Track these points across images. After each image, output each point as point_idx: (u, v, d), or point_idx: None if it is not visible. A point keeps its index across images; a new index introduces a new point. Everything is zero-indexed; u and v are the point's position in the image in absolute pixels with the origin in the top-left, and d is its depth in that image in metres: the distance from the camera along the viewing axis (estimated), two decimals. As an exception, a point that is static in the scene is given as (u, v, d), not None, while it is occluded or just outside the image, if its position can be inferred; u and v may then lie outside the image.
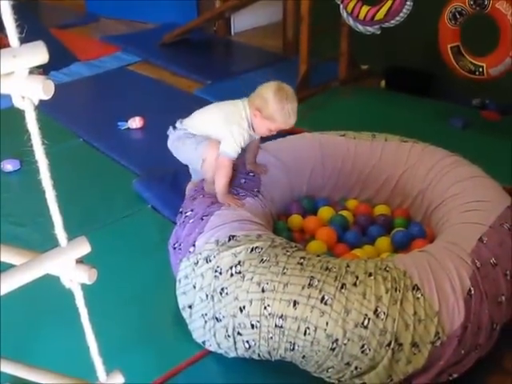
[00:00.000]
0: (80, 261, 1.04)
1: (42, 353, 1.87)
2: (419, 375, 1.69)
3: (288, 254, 1.77)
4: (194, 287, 1.82)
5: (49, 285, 1.29)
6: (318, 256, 1.79)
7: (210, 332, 1.78)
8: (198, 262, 1.83)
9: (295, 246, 1.84)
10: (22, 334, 1.87)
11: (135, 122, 3.57)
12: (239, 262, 1.75)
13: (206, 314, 1.78)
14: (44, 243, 1.08)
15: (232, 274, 1.74)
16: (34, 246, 1.23)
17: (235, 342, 1.74)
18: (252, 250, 1.78)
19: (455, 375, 1.72)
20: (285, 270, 1.71)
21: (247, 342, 1.72)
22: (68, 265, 1.02)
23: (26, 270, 0.95)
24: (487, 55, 3.12)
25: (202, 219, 1.95)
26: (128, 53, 5.04)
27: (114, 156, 3.25)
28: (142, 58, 4.93)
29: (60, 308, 1.66)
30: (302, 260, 1.74)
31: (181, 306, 1.93)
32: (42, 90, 0.84)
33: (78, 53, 4.92)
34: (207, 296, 1.77)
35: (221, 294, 1.74)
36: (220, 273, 1.76)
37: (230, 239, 1.83)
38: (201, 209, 2.01)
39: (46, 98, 0.86)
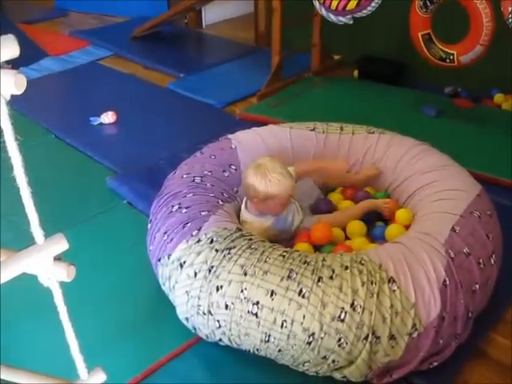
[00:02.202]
0: (58, 258, 1.02)
1: (22, 352, 1.85)
2: (400, 367, 1.70)
3: (274, 247, 1.82)
4: (181, 266, 1.81)
5: (26, 284, 1.27)
6: (298, 251, 1.82)
7: (192, 308, 1.78)
8: (199, 241, 1.84)
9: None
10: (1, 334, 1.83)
11: (108, 117, 3.52)
12: (232, 246, 1.79)
13: (189, 291, 1.77)
14: (18, 242, 1.06)
15: (224, 255, 1.76)
16: (8, 246, 1.21)
17: (208, 320, 1.75)
18: (245, 237, 1.85)
19: (435, 363, 1.73)
20: (267, 259, 1.73)
21: (218, 321, 1.73)
22: (46, 263, 1.00)
23: (2, 270, 0.93)
24: (458, 43, 3.15)
25: (201, 213, 1.97)
26: (98, 47, 4.98)
27: (87, 152, 3.21)
28: (112, 52, 4.88)
29: (39, 306, 1.64)
30: (284, 253, 1.77)
31: (161, 282, 1.96)
32: (13, 84, 0.82)
33: (47, 48, 4.85)
34: (195, 273, 1.77)
35: (209, 271, 1.74)
36: (216, 250, 1.78)
37: (237, 229, 1.91)
38: (199, 207, 2.02)
39: (18, 92, 0.84)
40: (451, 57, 3.16)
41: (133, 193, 2.73)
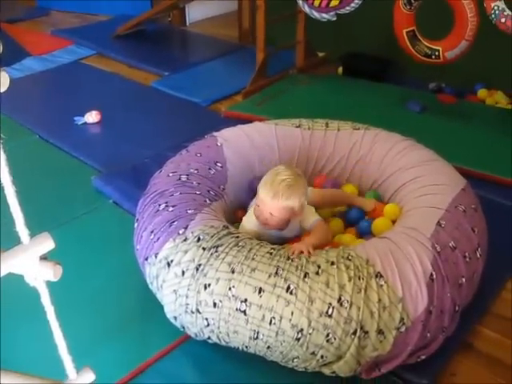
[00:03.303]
0: (44, 258, 1.01)
1: (10, 353, 1.82)
2: (388, 361, 1.71)
3: (261, 244, 1.81)
4: (169, 264, 1.81)
5: (13, 284, 1.26)
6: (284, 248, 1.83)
7: (180, 306, 1.77)
8: (186, 239, 1.83)
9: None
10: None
11: (92, 117, 3.50)
12: (219, 244, 1.78)
13: (177, 290, 1.77)
14: (3, 244, 1.05)
15: (212, 253, 1.75)
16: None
17: (196, 318, 1.74)
18: (232, 235, 1.84)
19: (423, 357, 1.74)
20: (254, 256, 1.73)
21: (206, 319, 1.72)
22: (32, 262, 0.99)
23: (-13, 270, 0.92)
24: (443, 39, 3.16)
25: (188, 212, 1.96)
26: (81, 46, 4.95)
27: (71, 152, 3.19)
28: (95, 51, 4.85)
29: (26, 307, 1.63)
30: (271, 250, 1.77)
31: (149, 281, 1.95)
32: (-3, 82, 0.81)
33: (29, 47, 4.81)
34: (183, 272, 1.76)
35: (196, 269, 1.74)
36: (203, 248, 1.78)
37: (224, 227, 1.89)
38: (185, 205, 2.00)
39: (1, 90, 0.83)
40: (436, 53, 3.18)
41: (118, 192, 2.71)
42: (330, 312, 1.61)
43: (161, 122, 3.52)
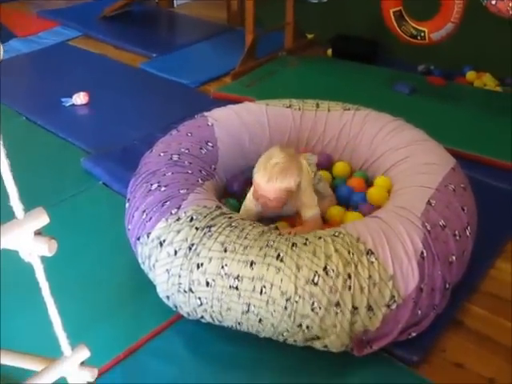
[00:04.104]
0: (38, 233, 1.01)
1: (3, 332, 1.82)
2: (380, 339, 1.73)
3: (253, 225, 1.83)
4: (161, 244, 1.81)
5: (6, 261, 1.26)
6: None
7: (173, 286, 1.78)
8: (179, 219, 1.83)
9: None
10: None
11: (80, 98, 3.47)
12: (212, 224, 1.79)
13: (170, 270, 1.77)
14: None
15: (205, 233, 1.76)
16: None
17: (189, 298, 1.75)
18: (225, 215, 1.85)
19: (414, 334, 1.76)
20: (247, 236, 1.74)
21: (199, 298, 1.73)
22: (26, 237, 0.98)
23: (-18, 245, 0.91)
24: (429, 20, 3.16)
25: (180, 192, 1.96)
26: (68, 28, 4.89)
27: (59, 133, 3.16)
28: (82, 32, 4.80)
29: (19, 284, 1.62)
30: (263, 229, 1.79)
31: (140, 260, 1.95)
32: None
33: (15, 29, 4.75)
34: (175, 252, 1.77)
35: (189, 249, 1.74)
36: (196, 228, 1.78)
37: (217, 207, 1.89)
38: (178, 185, 2.00)
39: (-5, 61, 0.82)
40: (422, 34, 3.18)
41: (108, 173, 2.70)
42: (315, 280, 1.62)
43: (149, 103, 3.50)
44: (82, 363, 1.25)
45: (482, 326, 1.91)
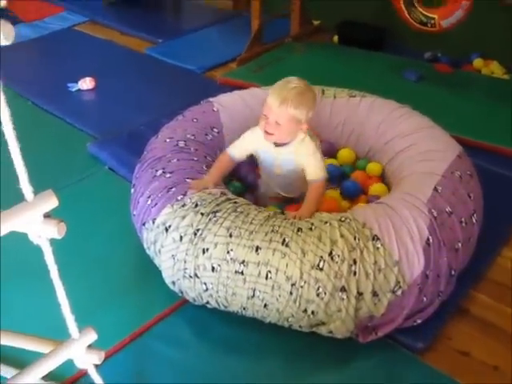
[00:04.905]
0: (47, 215, 1.01)
1: (11, 315, 1.83)
2: (385, 325, 1.73)
3: (259, 210, 1.82)
4: (167, 230, 1.81)
5: (15, 243, 1.26)
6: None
7: (179, 271, 1.78)
8: (184, 205, 1.83)
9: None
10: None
11: (86, 83, 3.47)
12: (218, 209, 1.78)
13: (175, 255, 1.78)
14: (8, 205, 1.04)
15: (210, 219, 1.76)
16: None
17: (194, 283, 1.76)
18: (230, 201, 1.85)
19: (419, 321, 1.77)
20: (252, 221, 1.74)
21: (205, 283, 1.74)
22: (36, 220, 0.99)
23: (-8, 226, 0.92)
24: (439, 7, 3.14)
25: (186, 180, 1.96)
26: (73, 13, 4.87)
27: (66, 118, 3.16)
28: (88, 17, 4.78)
29: (28, 268, 1.63)
30: (269, 214, 1.79)
31: (146, 246, 1.96)
32: (2, 34, 0.80)
33: (20, 14, 4.73)
34: (181, 237, 1.77)
35: (195, 234, 1.75)
36: (201, 214, 1.78)
37: (222, 193, 1.89)
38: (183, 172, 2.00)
39: (7, 43, 0.82)
40: (432, 21, 3.16)
41: (114, 158, 2.70)
42: (321, 265, 1.63)
43: (156, 88, 3.49)
44: (89, 346, 1.26)
45: (488, 313, 1.90)
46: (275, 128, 1.89)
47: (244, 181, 2.29)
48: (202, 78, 3.69)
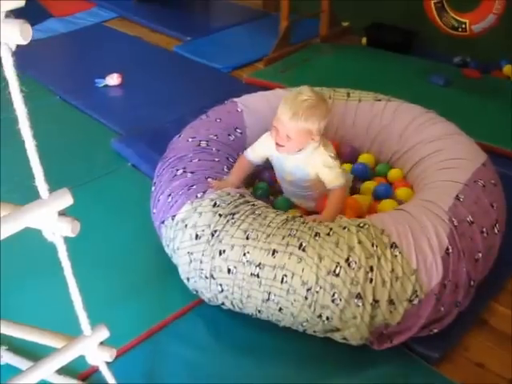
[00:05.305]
0: (62, 213, 1.02)
1: (25, 309, 1.86)
2: (400, 333, 1.71)
3: (277, 213, 1.82)
4: (186, 226, 1.82)
5: (30, 240, 1.28)
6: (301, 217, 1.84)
7: (195, 271, 1.79)
8: (203, 203, 1.84)
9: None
10: (4, 290, 1.84)
11: (113, 79, 3.50)
12: (236, 211, 1.79)
13: (191, 253, 1.78)
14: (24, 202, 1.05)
15: (228, 220, 1.76)
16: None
17: (210, 284, 1.76)
18: (248, 203, 1.85)
19: (436, 330, 1.74)
20: (270, 224, 1.74)
21: (220, 285, 1.74)
22: (50, 217, 1.00)
23: (6, 223, 0.93)
24: (470, 11, 3.10)
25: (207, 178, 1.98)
26: (104, 9, 4.92)
27: (91, 114, 3.19)
28: (118, 14, 4.82)
29: (43, 264, 1.65)
30: (287, 217, 1.78)
31: (165, 243, 1.97)
32: (19, 33, 0.81)
33: (52, 9, 4.79)
34: (197, 236, 1.78)
35: (212, 235, 1.75)
36: (220, 215, 1.78)
37: (240, 195, 1.89)
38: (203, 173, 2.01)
39: (24, 42, 0.83)
40: (463, 25, 3.12)
41: (137, 155, 2.72)
42: (337, 271, 1.61)
43: (182, 86, 3.50)
44: (102, 343, 1.27)
45: (507, 325, 1.87)
46: (286, 140, 1.89)
47: (270, 183, 2.29)
48: (228, 77, 3.70)
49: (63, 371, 1.49)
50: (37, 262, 1.95)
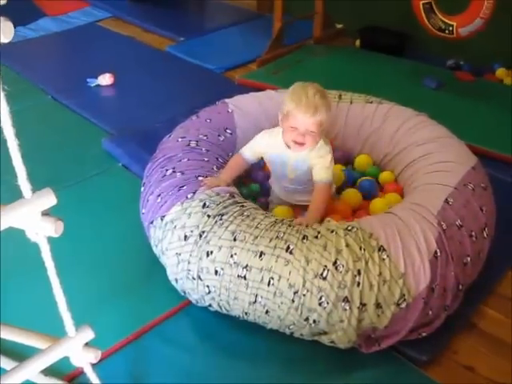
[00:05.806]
0: (46, 213, 1.01)
1: (9, 310, 1.84)
2: (388, 337, 1.71)
3: (265, 215, 1.82)
4: (175, 227, 1.81)
5: (13, 240, 1.26)
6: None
7: (182, 272, 1.78)
8: (193, 204, 1.83)
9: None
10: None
11: (105, 79, 3.48)
12: (224, 212, 1.78)
13: (180, 254, 1.78)
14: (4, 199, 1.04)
15: (216, 221, 1.75)
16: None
17: (197, 285, 1.75)
18: (237, 204, 1.84)
19: (424, 334, 1.74)
20: (258, 225, 1.73)
21: (207, 286, 1.73)
22: (33, 217, 0.99)
23: (-12, 222, 0.92)
24: (458, 14, 3.11)
25: (197, 177, 1.97)
26: (97, 8, 4.90)
27: (83, 113, 3.18)
28: (111, 13, 4.81)
29: (27, 264, 1.64)
30: (275, 220, 1.78)
31: (153, 243, 1.96)
32: (1, 31, 0.80)
33: (45, 8, 4.77)
34: (186, 236, 1.77)
35: (200, 236, 1.74)
36: (208, 216, 1.77)
37: (230, 195, 1.88)
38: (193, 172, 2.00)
39: (5, 40, 0.82)
40: (450, 28, 3.13)
41: (128, 155, 2.71)
42: (324, 274, 1.61)
43: (174, 87, 3.49)
44: (87, 344, 1.26)
45: (496, 329, 1.87)
46: (307, 137, 1.87)
47: (261, 184, 2.28)
48: (221, 77, 3.69)
49: (49, 372, 1.49)
50: (22, 263, 1.93)
